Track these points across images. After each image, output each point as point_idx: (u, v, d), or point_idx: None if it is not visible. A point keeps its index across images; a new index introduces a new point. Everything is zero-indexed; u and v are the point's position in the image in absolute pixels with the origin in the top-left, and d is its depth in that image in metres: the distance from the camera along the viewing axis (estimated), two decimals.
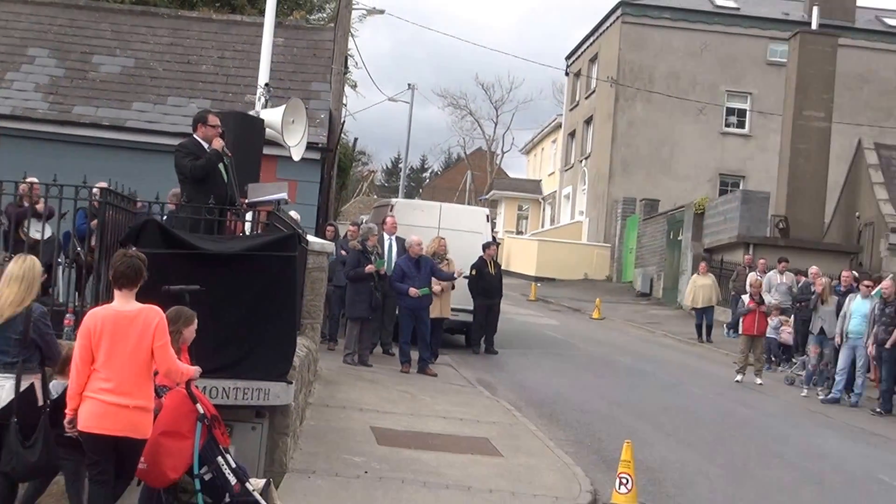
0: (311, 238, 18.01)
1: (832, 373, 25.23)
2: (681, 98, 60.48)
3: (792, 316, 30.20)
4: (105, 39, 27.31)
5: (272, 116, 17.64)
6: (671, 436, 19.23)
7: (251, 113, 17.91)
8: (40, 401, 10.52)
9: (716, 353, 32.99)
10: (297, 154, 18.63)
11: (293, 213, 20.19)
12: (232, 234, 14.33)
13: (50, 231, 16.64)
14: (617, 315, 43.51)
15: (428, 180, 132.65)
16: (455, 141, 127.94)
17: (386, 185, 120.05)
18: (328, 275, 19.43)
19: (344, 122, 30.98)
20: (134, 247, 10.63)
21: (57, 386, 10.56)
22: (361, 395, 19.68)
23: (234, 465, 10.36)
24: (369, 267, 23.31)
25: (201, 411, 10.12)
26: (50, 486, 10.97)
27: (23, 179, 15.59)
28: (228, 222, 14.44)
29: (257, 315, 12.58)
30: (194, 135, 14.51)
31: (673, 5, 62.36)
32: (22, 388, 10.37)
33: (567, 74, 77.47)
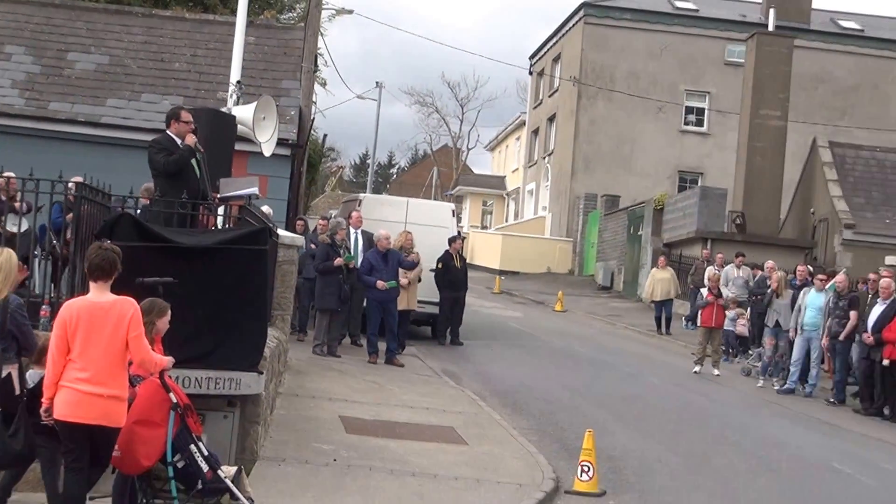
0: (282, 232, 17.99)
1: (787, 364, 25.33)
2: (641, 97, 60.58)
3: (748, 309, 30.30)
4: (80, 37, 27.17)
5: (244, 113, 17.63)
6: (631, 425, 19.29)
7: (223, 110, 17.91)
8: (17, 390, 10.49)
9: (674, 345, 33.06)
10: (268, 150, 18.63)
11: (266, 208, 20.21)
12: (204, 228, 14.32)
13: (27, 224, 16.59)
14: (579, 308, 43.57)
15: (395, 176, 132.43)
16: (422, 138, 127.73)
17: (354, 181, 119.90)
18: (298, 268, 19.41)
19: (313, 119, 30.91)
20: (108, 240, 10.61)
21: (33, 375, 10.53)
22: (330, 385, 19.69)
23: (207, 453, 10.35)
24: (338, 260, 23.33)
25: (174, 400, 10.11)
26: (26, 474, 10.95)
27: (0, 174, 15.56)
28: (201, 216, 14.44)
29: (229, 307, 12.58)
30: (168, 131, 14.49)
31: (634, 7, 62.46)
32: None
33: (531, 73, 77.46)
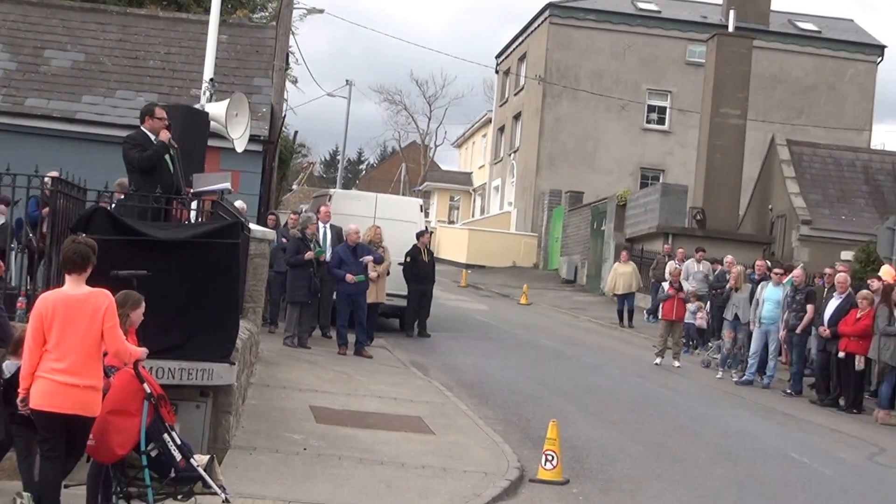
0: (254, 226, 17.98)
1: (745, 356, 25.44)
2: (605, 96, 60.70)
3: (707, 302, 30.41)
4: (56, 35, 27.06)
5: (216, 110, 17.61)
6: (594, 415, 19.34)
7: (196, 106, 17.89)
8: None
9: (636, 337, 33.16)
10: (241, 146, 18.61)
11: (239, 203, 20.20)
12: (178, 222, 14.29)
13: (3, 218, 16.52)
14: (543, 301, 43.62)
15: (364, 172, 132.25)
16: (390, 135, 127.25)
17: (324, 177, 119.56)
18: (269, 261, 19.39)
19: (285, 116, 30.82)
20: (84, 233, 10.59)
21: (10, 366, 10.49)
22: (301, 376, 19.69)
23: (180, 442, 10.34)
24: (308, 254, 23.32)
25: (148, 391, 10.10)
26: (2, 462, 10.92)
27: None
28: (174, 211, 14.40)
29: (202, 299, 12.57)
30: (142, 127, 14.44)
31: (598, 7, 62.55)
32: None
33: (497, 72, 77.47)
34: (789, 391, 24.08)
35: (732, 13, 49.54)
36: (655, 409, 20.71)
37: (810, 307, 23.97)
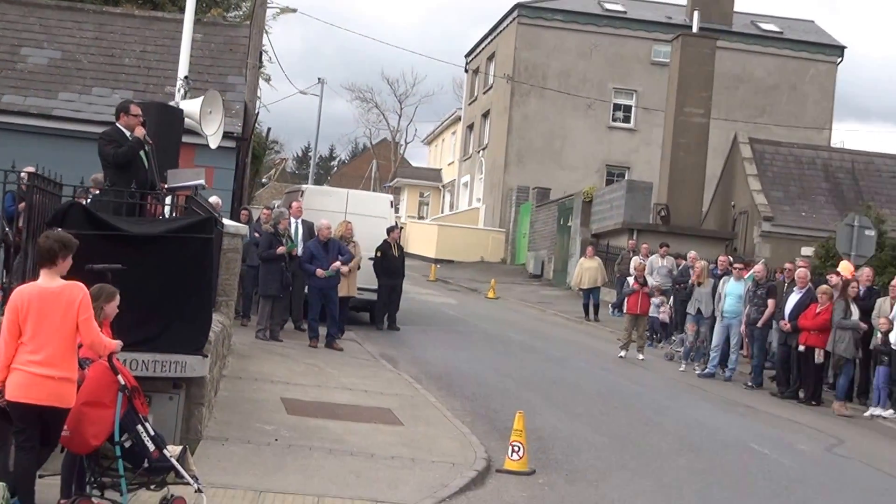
0: (227, 221, 17.95)
1: (708, 349, 25.54)
2: (572, 94, 60.76)
3: (671, 296, 30.48)
4: (33, 33, 26.93)
5: (191, 107, 17.57)
6: (560, 407, 19.36)
7: (171, 103, 17.84)
8: None
9: (602, 331, 33.20)
10: (214, 142, 18.58)
11: (215, 199, 20.17)
12: (152, 217, 14.25)
13: None
14: (511, 295, 43.65)
15: (336, 168, 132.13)
16: (362, 132, 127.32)
17: (297, 173, 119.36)
18: (242, 255, 19.36)
19: (258, 113, 30.79)
20: (59, 228, 10.55)
21: None
22: (272, 368, 19.66)
23: (153, 433, 10.32)
24: (280, 248, 23.30)
25: (122, 382, 10.07)
26: None
27: None
28: (149, 206, 14.36)
29: (175, 292, 12.54)
30: (117, 123, 14.40)
31: (565, 8, 62.62)
32: None
33: (466, 71, 77.43)
34: (750, 384, 24.16)
35: (696, 14, 49.75)
36: (620, 402, 20.75)
37: (771, 301, 24.06)
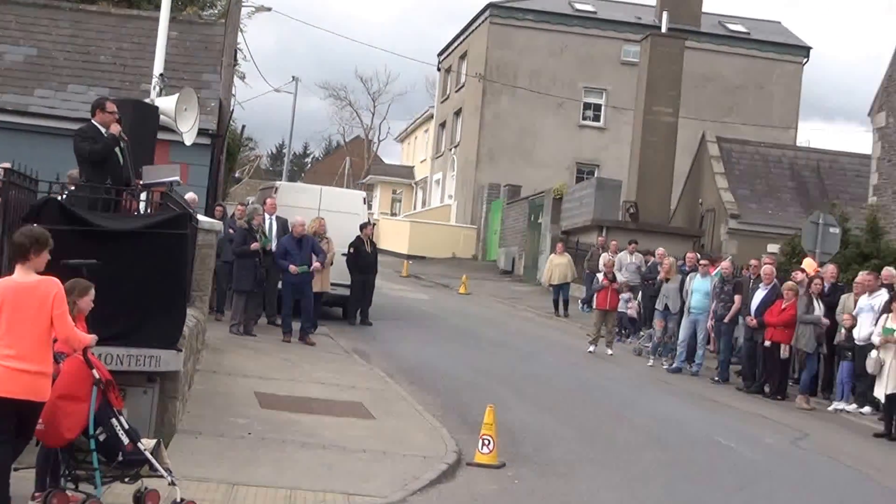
0: (201, 217, 17.93)
1: (676, 345, 25.60)
2: (542, 93, 60.83)
3: (639, 293, 30.55)
4: (10, 30, 26.84)
5: (166, 104, 17.55)
6: (530, 401, 19.39)
7: (146, 101, 17.82)
8: None
9: (571, 326, 33.22)
10: (189, 139, 18.56)
11: (191, 195, 20.14)
12: (127, 213, 14.22)
13: None
14: (482, 291, 43.64)
15: (310, 165, 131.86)
16: (335, 129, 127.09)
17: (271, 170, 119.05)
18: (216, 251, 19.33)
19: (233, 111, 30.71)
20: (35, 223, 10.51)
21: None
22: (246, 363, 19.64)
23: (127, 427, 10.29)
24: (254, 244, 23.24)
25: (97, 376, 10.04)
26: None
27: None
28: (124, 202, 14.32)
29: (150, 287, 12.51)
30: (93, 120, 14.35)
31: (536, 8, 62.72)
32: None
33: (439, 70, 77.49)
34: (717, 378, 24.25)
35: (665, 15, 49.84)
36: (589, 396, 20.80)
37: (738, 298, 24.15)
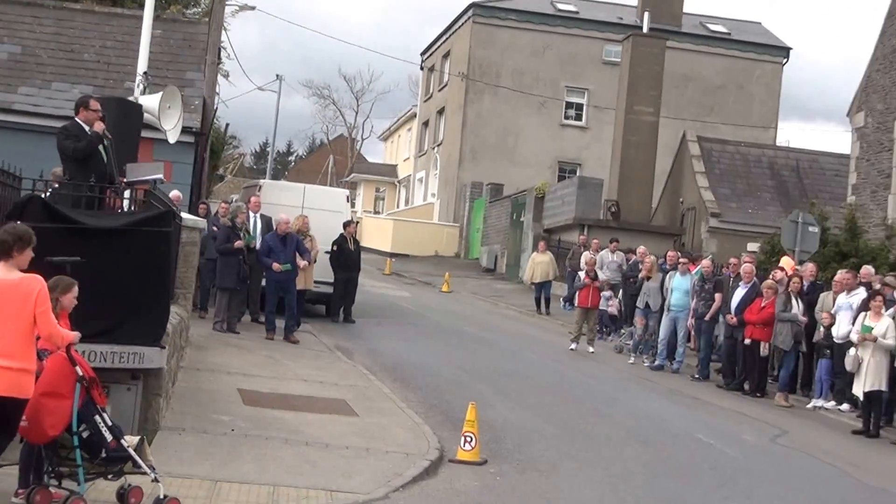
0: (185, 215, 17.87)
1: (656, 342, 25.62)
2: (525, 92, 60.86)
3: (620, 290, 30.57)
4: None
5: (150, 102, 17.47)
6: (512, 398, 19.38)
7: (130, 99, 17.73)
8: None
9: (553, 324, 33.28)
10: (173, 137, 18.48)
11: (175, 193, 20.07)
12: (111, 211, 14.17)
13: None
14: (464, 288, 43.66)
15: (293, 163, 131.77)
16: (319, 128, 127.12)
17: (255, 168, 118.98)
18: (200, 248, 19.27)
19: (216, 109, 30.68)
20: (18, 221, 10.47)
21: None
22: (229, 360, 19.61)
23: (111, 423, 10.25)
24: (238, 242, 23.22)
25: (80, 373, 10.00)
26: None
27: None
28: (108, 199, 14.27)
29: (134, 285, 12.47)
30: (76, 118, 14.29)
31: (519, 8, 62.78)
32: None
33: (422, 69, 77.47)
34: (697, 376, 24.30)
35: (647, 15, 49.99)
36: (570, 393, 20.81)
37: (718, 296, 24.21)
